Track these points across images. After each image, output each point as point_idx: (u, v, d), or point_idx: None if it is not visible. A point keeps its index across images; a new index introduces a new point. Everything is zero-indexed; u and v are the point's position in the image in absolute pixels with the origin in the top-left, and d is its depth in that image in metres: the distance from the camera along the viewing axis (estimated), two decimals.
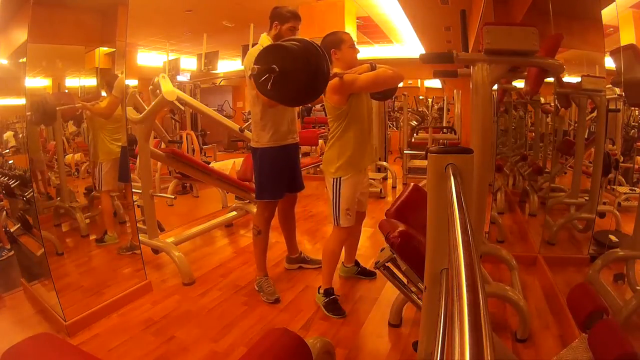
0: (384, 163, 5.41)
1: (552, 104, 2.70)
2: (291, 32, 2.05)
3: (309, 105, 6.58)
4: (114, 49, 2.31)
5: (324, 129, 6.18)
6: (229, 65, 9.26)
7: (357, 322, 1.91)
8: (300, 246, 2.64)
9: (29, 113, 1.99)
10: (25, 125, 2.13)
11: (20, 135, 2.62)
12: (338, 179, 1.91)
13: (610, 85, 2.05)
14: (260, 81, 1.42)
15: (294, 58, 1.36)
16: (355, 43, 1.98)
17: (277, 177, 2.11)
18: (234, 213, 3.33)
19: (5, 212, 2.72)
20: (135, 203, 2.88)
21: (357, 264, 2.39)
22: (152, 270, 2.49)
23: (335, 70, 1.89)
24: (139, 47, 7.72)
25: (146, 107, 2.53)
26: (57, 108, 2.29)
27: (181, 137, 5.13)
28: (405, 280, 1.39)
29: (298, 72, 1.37)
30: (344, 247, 2.36)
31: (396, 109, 8.39)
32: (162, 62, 6.78)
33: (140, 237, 2.40)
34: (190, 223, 3.47)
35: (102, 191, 2.57)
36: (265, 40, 2.08)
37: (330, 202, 1.96)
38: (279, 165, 2.11)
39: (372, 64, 1.89)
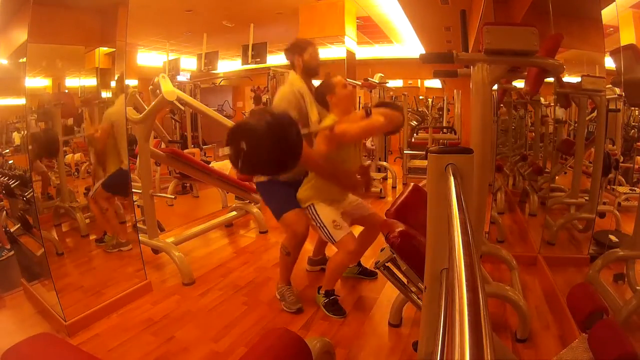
0: (384, 163, 5.41)
1: (551, 118, 2.71)
2: (314, 57, 2.07)
3: None
4: (114, 49, 2.31)
5: None
6: (229, 65, 9.26)
7: (357, 322, 1.91)
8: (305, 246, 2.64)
9: (30, 147, 2.01)
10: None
11: (22, 134, 2.62)
12: (312, 206, 1.94)
13: (610, 85, 2.05)
14: (234, 161, 1.43)
15: (259, 136, 1.36)
16: (346, 83, 1.99)
17: (285, 191, 2.03)
18: (234, 213, 3.33)
19: (5, 212, 2.72)
20: (135, 203, 2.88)
21: (358, 264, 2.39)
22: (152, 270, 2.49)
23: (332, 116, 1.91)
24: (139, 47, 7.72)
25: (146, 107, 2.53)
26: (60, 139, 2.31)
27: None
28: (405, 280, 1.40)
29: (263, 147, 1.37)
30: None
31: None
32: (162, 62, 6.78)
33: (140, 237, 2.40)
34: (190, 223, 3.47)
35: (89, 197, 2.57)
36: (295, 78, 2.08)
37: (317, 230, 1.97)
38: (284, 185, 2.05)
39: (367, 109, 1.90)
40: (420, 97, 9.27)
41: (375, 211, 2.18)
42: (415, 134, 6.69)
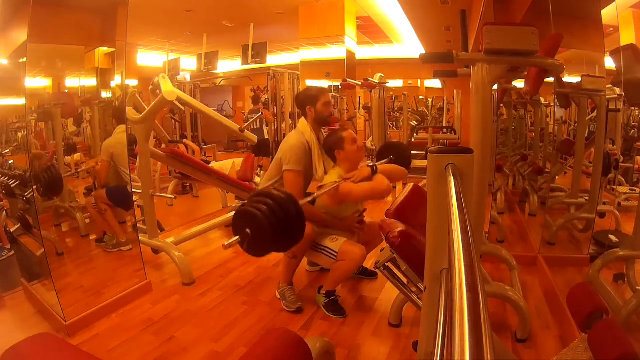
0: None
1: (551, 118, 2.71)
2: (327, 106, 2.09)
3: None
4: (114, 49, 2.31)
5: None
6: (229, 65, 9.26)
7: (357, 322, 1.91)
8: None
9: (35, 187, 2.03)
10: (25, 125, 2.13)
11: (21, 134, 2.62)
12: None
13: (610, 85, 2.05)
14: (242, 244, 1.45)
15: (261, 220, 1.38)
16: (355, 138, 2.00)
17: None
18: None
19: (5, 212, 2.72)
20: (135, 203, 2.88)
21: None
22: (152, 270, 2.49)
23: (338, 170, 1.95)
24: (139, 47, 7.72)
25: (146, 107, 2.53)
26: (63, 176, 2.31)
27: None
28: (405, 280, 1.40)
29: (267, 230, 1.38)
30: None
31: (396, 109, 8.39)
32: (162, 62, 6.78)
33: (140, 237, 2.40)
34: (190, 223, 3.47)
35: (88, 200, 2.58)
36: (305, 128, 2.09)
37: (317, 259, 2.01)
38: None
39: (374, 168, 1.93)
40: (420, 97, 9.26)
41: (373, 221, 2.16)
42: (415, 134, 6.69)
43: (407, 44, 7.88)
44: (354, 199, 1.91)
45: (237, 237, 1.40)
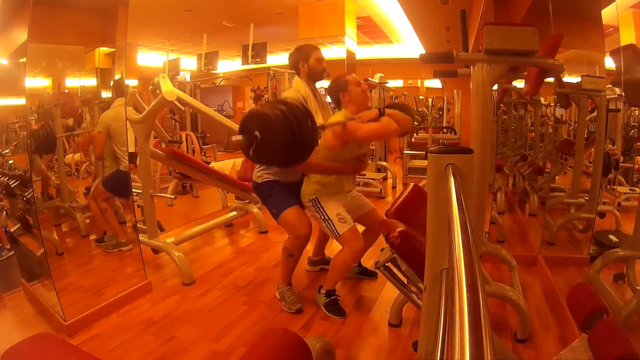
0: (384, 163, 5.41)
1: (551, 117, 2.71)
2: (319, 62, 2.06)
3: None
4: (114, 49, 2.31)
5: None
6: (229, 65, 9.25)
7: (357, 322, 1.91)
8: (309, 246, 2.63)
9: (29, 141, 2.01)
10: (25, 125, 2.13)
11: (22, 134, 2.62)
12: (315, 200, 1.93)
13: (610, 85, 2.05)
14: (246, 150, 1.42)
15: (274, 124, 1.36)
16: (360, 81, 1.98)
17: (284, 191, 2.02)
18: (234, 213, 3.33)
19: (5, 212, 2.72)
20: (135, 203, 2.88)
21: (358, 264, 2.39)
22: (152, 270, 2.49)
23: (344, 111, 1.91)
24: (139, 47, 7.71)
25: (146, 107, 2.53)
26: (58, 136, 2.32)
27: (181, 137, 5.13)
28: (405, 280, 1.40)
29: (279, 136, 1.36)
30: None
31: None
32: (162, 62, 6.78)
33: (140, 237, 2.40)
34: (190, 223, 3.47)
35: (90, 195, 2.57)
36: (299, 84, 2.08)
37: (321, 224, 1.96)
38: (283, 188, 2.03)
39: (381, 110, 1.90)
40: (420, 97, 9.26)
41: (375, 207, 2.18)
42: (415, 134, 6.68)
43: (407, 44, 7.87)
44: (360, 138, 1.84)
45: (240, 135, 1.37)
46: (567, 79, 2.42)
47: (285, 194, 2.02)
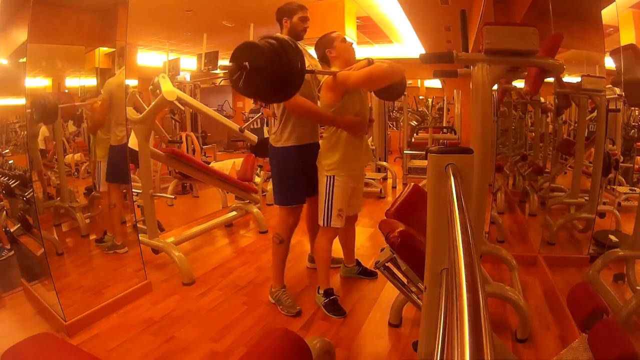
0: (384, 163, 5.41)
1: (552, 103, 2.70)
2: (302, 21, 2.03)
3: None
4: (114, 49, 2.31)
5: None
6: None
7: (357, 322, 1.91)
8: (304, 245, 2.63)
9: (30, 110, 2.00)
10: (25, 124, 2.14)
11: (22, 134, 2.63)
12: (332, 178, 1.91)
13: (610, 85, 2.05)
14: (233, 78, 1.43)
15: (264, 55, 1.37)
16: (345, 37, 1.99)
17: (294, 179, 2.01)
18: (234, 213, 3.33)
19: (5, 212, 2.73)
20: (135, 203, 2.88)
21: (358, 263, 2.39)
22: (152, 270, 2.49)
23: (333, 68, 1.90)
24: (139, 47, 7.72)
25: (146, 107, 2.53)
26: (59, 106, 2.29)
27: (181, 137, 5.13)
28: (405, 280, 1.39)
29: (268, 68, 1.38)
30: (342, 249, 2.37)
31: (396, 109, 8.40)
32: (162, 62, 6.77)
33: (140, 237, 2.40)
34: (190, 223, 3.47)
35: (101, 192, 2.56)
36: None
37: (322, 200, 1.95)
38: (297, 166, 2.00)
39: (370, 60, 1.87)
40: (420, 97, 9.27)
41: (358, 212, 2.23)
42: (415, 134, 6.69)
43: (407, 44, 7.87)
44: (353, 84, 1.82)
45: (231, 64, 1.38)
46: (567, 79, 2.42)
47: (295, 186, 2.02)
